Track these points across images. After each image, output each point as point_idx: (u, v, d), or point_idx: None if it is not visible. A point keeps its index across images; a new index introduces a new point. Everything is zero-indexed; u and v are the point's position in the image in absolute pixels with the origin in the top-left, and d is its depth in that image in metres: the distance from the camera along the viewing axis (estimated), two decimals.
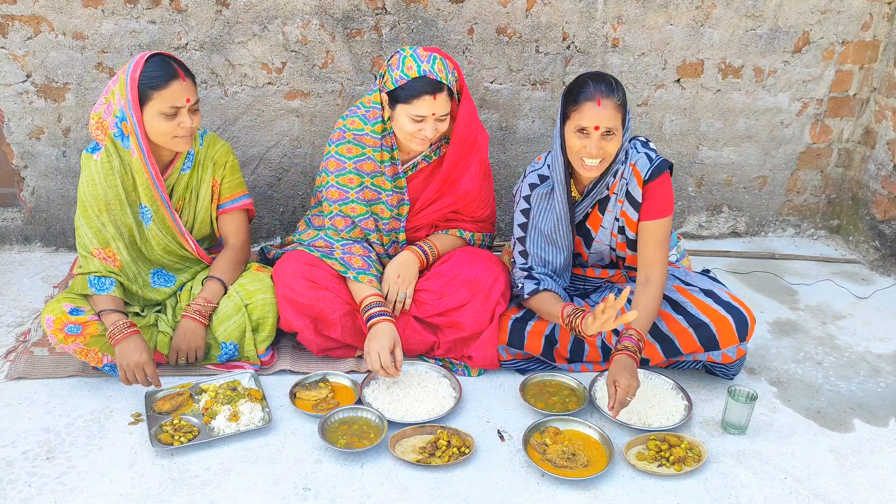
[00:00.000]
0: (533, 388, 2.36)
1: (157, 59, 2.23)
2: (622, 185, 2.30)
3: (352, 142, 2.44)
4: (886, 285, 3.14)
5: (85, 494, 1.93)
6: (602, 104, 2.11)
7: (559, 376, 2.40)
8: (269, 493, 1.95)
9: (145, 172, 2.30)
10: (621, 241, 2.39)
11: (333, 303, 2.41)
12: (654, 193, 2.27)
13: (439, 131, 2.35)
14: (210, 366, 2.44)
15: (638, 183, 2.27)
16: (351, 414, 2.21)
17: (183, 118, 2.24)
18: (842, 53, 3.20)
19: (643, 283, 2.27)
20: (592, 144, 2.14)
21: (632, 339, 2.17)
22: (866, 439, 2.22)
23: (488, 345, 2.41)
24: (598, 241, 2.41)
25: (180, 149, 2.32)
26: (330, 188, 2.49)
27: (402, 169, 2.50)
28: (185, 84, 2.23)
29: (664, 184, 2.28)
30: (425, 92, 2.26)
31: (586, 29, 3.04)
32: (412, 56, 2.29)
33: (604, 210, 2.36)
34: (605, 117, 2.11)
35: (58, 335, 2.25)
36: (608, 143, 2.15)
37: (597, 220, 2.39)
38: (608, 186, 2.32)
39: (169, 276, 2.52)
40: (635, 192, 2.28)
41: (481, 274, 2.45)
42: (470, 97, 2.43)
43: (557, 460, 2.04)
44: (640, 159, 2.27)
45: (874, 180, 3.30)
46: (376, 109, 2.41)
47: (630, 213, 2.31)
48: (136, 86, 2.20)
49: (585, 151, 2.16)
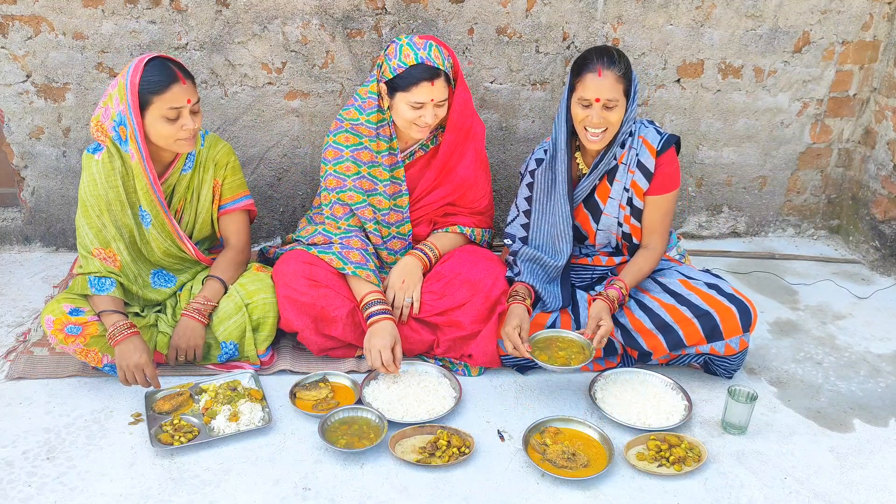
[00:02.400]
0: (541, 343, 2.31)
1: (157, 62, 2.22)
2: (631, 154, 2.37)
3: (349, 131, 2.48)
4: (886, 285, 3.14)
5: (85, 494, 1.93)
6: (603, 75, 2.20)
7: (568, 333, 2.33)
8: (269, 493, 1.95)
9: (144, 177, 2.30)
10: (628, 212, 2.43)
11: (335, 300, 2.42)
12: (666, 166, 2.37)
13: (438, 117, 2.38)
14: (210, 366, 2.44)
15: (651, 153, 2.36)
16: (351, 414, 2.21)
17: (185, 120, 2.24)
18: (842, 53, 3.20)
19: (643, 248, 2.44)
20: (594, 114, 2.24)
21: (615, 288, 2.32)
22: (866, 439, 2.22)
23: (488, 341, 2.41)
24: (606, 213, 2.45)
25: (184, 150, 2.32)
26: (328, 177, 2.51)
27: (400, 157, 2.52)
28: (185, 86, 2.23)
29: (673, 157, 2.38)
30: (423, 79, 2.29)
31: (586, 29, 3.04)
32: (409, 45, 2.32)
33: (612, 180, 2.42)
34: (605, 88, 2.21)
35: (58, 335, 2.25)
36: (610, 114, 2.24)
37: (605, 190, 2.43)
38: (616, 157, 2.39)
39: (169, 276, 2.52)
40: (648, 163, 2.36)
41: (481, 274, 2.45)
42: (465, 84, 2.46)
43: (557, 460, 2.04)
44: (649, 132, 2.38)
45: (874, 180, 3.30)
46: (372, 100, 2.42)
47: (641, 183, 2.38)
48: (137, 91, 2.19)
49: (588, 121, 2.26)
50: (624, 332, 2.38)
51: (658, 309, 2.34)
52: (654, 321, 2.34)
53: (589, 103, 2.23)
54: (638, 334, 2.36)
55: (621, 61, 2.23)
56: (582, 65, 2.25)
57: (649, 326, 2.34)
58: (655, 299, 2.37)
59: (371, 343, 2.30)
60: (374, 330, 2.33)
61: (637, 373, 2.41)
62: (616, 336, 2.39)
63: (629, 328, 2.37)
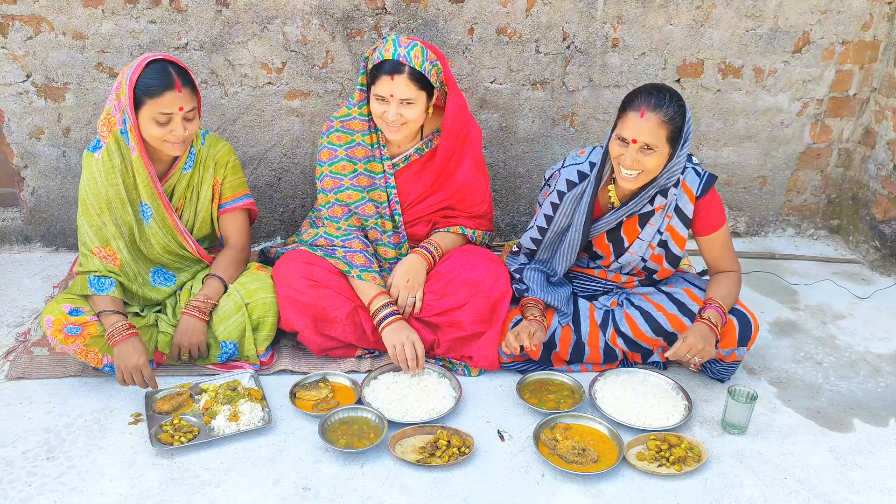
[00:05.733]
0: (531, 385, 2.37)
1: (158, 65, 2.21)
2: (671, 200, 2.29)
3: (340, 129, 2.49)
4: (886, 285, 3.14)
5: (85, 494, 1.93)
6: (645, 117, 2.08)
7: (559, 376, 2.41)
8: (268, 493, 1.95)
9: (145, 170, 2.31)
10: (658, 253, 2.38)
11: (335, 300, 2.42)
12: (708, 208, 2.30)
13: (405, 117, 2.34)
14: (210, 365, 2.44)
15: (690, 199, 2.28)
16: (351, 414, 2.21)
17: (174, 126, 2.23)
18: (842, 53, 3.20)
19: (719, 273, 2.38)
20: (629, 156, 2.13)
21: (714, 307, 2.24)
22: (866, 439, 2.22)
23: (490, 346, 2.41)
24: (630, 252, 2.39)
25: (172, 153, 2.31)
26: (325, 178, 2.51)
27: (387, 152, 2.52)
28: (181, 94, 2.21)
29: (714, 196, 2.31)
30: (384, 72, 2.29)
31: (586, 29, 3.04)
32: (393, 41, 2.32)
33: (644, 223, 2.34)
34: (644, 131, 2.08)
35: (57, 336, 2.25)
36: (646, 158, 2.12)
37: (633, 231, 2.36)
38: (652, 201, 2.30)
39: (169, 274, 2.52)
40: (686, 208, 2.29)
41: (482, 274, 2.45)
42: (458, 90, 2.45)
43: (568, 455, 2.05)
44: (689, 174, 2.28)
45: (874, 180, 3.30)
46: (362, 92, 2.44)
47: (679, 229, 2.32)
48: (133, 90, 2.19)
49: (622, 160, 2.16)
50: (626, 340, 2.38)
51: (660, 318, 2.34)
52: (656, 329, 2.34)
53: (626, 142, 2.12)
54: (641, 342, 2.37)
55: (671, 105, 2.08)
56: (629, 100, 2.13)
57: (650, 335, 2.35)
58: (658, 307, 2.37)
59: (395, 338, 2.32)
60: (394, 328, 2.34)
61: (637, 373, 2.41)
62: (619, 344, 2.39)
63: (631, 337, 2.37)
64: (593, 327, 2.40)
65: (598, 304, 2.49)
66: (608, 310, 2.44)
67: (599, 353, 2.41)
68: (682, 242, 2.34)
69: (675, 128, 2.10)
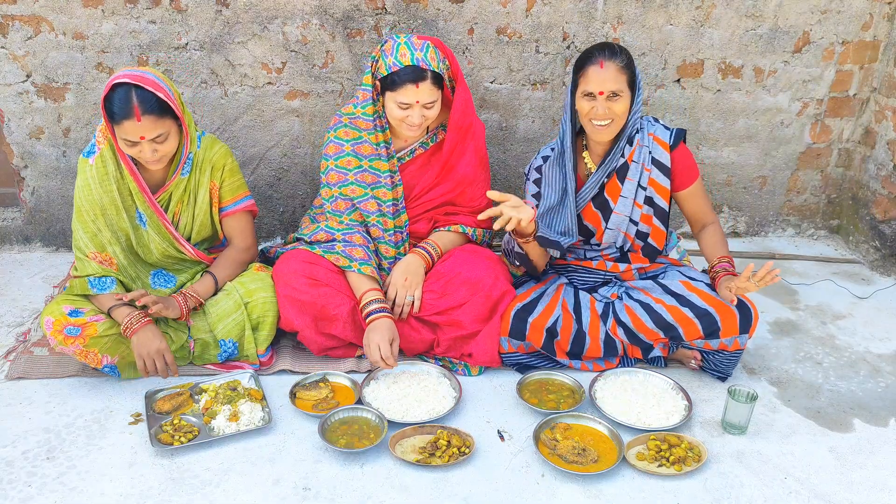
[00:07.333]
0: (531, 385, 2.37)
1: (122, 91, 2.12)
2: (642, 152, 2.39)
3: (348, 125, 2.50)
4: (886, 285, 3.14)
5: (85, 494, 1.93)
6: (605, 66, 2.24)
7: (559, 376, 2.41)
8: (268, 493, 1.95)
9: (134, 182, 2.32)
10: (647, 212, 2.45)
11: (335, 299, 2.42)
12: (683, 160, 2.41)
13: (427, 118, 2.38)
14: (210, 365, 2.44)
15: (664, 149, 2.40)
16: (351, 414, 2.21)
17: (142, 149, 2.19)
18: (842, 53, 3.20)
19: (705, 228, 2.49)
20: (599, 106, 2.26)
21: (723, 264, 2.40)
22: (866, 439, 2.22)
23: (489, 341, 2.41)
24: (617, 212, 2.45)
25: (151, 168, 2.29)
26: (330, 172, 2.52)
27: (393, 149, 2.53)
28: (140, 124, 2.12)
29: (686, 149, 2.44)
30: (408, 80, 2.30)
31: (586, 29, 3.04)
32: (406, 44, 2.32)
33: (623, 178, 2.42)
34: (608, 79, 2.23)
35: (57, 337, 2.24)
36: (615, 104, 2.26)
37: (616, 189, 2.44)
38: (624, 154, 2.39)
39: (169, 276, 2.52)
40: (663, 158, 2.40)
41: (482, 273, 2.45)
42: (465, 85, 2.47)
43: (568, 455, 2.05)
44: (658, 128, 2.41)
45: (874, 180, 3.30)
46: (366, 92, 2.44)
47: (660, 181, 2.41)
48: (103, 110, 2.17)
49: (593, 113, 2.28)
50: (627, 331, 2.39)
51: (660, 309, 2.35)
52: (656, 321, 2.35)
53: (593, 96, 2.25)
54: (641, 334, 2.38)
55: (622, 53, 2.26)
56: (584, 59, 2.28)
57: (651, 326, 2.36)
58: (658, 300, 2.37)
59: (370, 338, 2.32)
60: (374, 326, 2.33)
61: (637, 373, 2.41)
62: (619, 335, 2.39)
63: (631, 328, 2.37)
64: (594, 317, 2.41)
65: (598, 296, 2.51)
66: (608, 301, 2.46)
67: (599, 344, 2.41)
68: (665, 194, 2.44)
69: (631, 73, 2.28)
